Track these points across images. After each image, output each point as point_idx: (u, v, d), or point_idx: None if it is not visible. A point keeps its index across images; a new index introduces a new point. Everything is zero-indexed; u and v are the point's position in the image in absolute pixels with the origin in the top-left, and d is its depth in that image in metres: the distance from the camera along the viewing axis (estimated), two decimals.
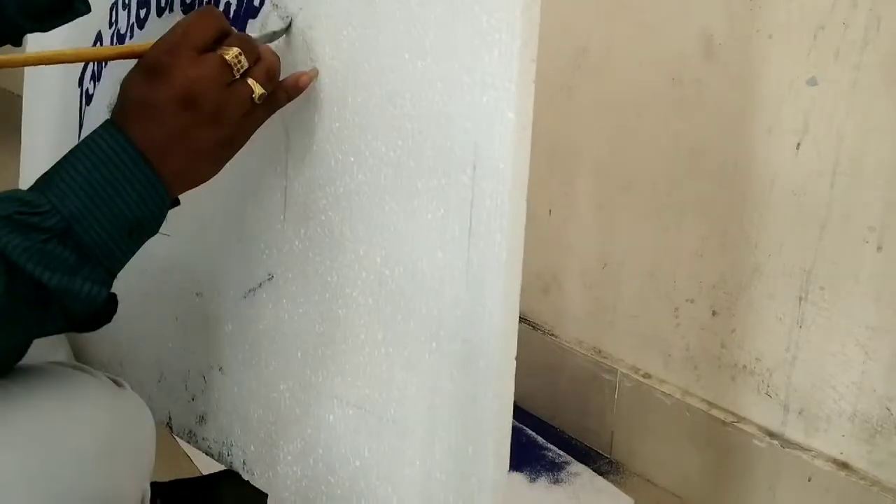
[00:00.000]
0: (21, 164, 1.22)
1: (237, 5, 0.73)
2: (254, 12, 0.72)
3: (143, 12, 0.84)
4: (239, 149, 0.62)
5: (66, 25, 0.82)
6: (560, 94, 1.14)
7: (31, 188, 0.55)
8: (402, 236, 0.62)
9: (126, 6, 0.88)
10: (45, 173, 0.55)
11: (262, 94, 0.60)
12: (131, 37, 0.87)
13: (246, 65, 0.59)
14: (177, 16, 0.79)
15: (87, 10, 0.79)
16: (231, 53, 0.59)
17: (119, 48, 0.59)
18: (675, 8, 1.00)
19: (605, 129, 1.10)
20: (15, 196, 0.53)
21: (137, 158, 0.56)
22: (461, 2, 0.57)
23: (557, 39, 1.12)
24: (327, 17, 0.66)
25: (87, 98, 0.98)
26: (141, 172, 0.56)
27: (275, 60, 0.62)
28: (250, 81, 0.60)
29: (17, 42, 0.79)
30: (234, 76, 0.59)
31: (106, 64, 0.93)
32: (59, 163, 0.56)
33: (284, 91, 0.64)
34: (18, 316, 0.53)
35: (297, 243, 0.71)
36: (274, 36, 0.67)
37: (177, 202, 0.61)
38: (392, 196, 0.63)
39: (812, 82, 0.89)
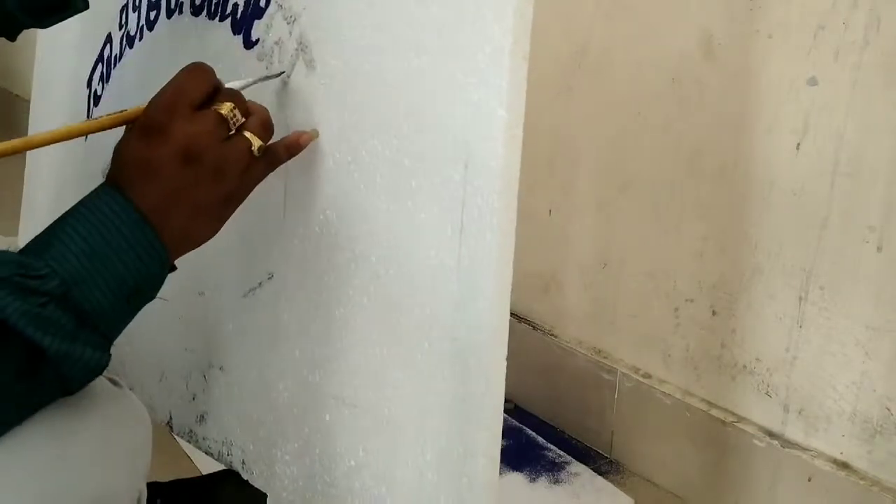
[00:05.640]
0: (27, 165, 1.22)
1: (244, 6, 0.74)
2: (259, 13, 0.72)
3: (153, 14, 0.85)
4: (238, 205, 0.62)
5: (75, 27, 0.82)
6: (560, 94, 1.14)
7: (25, 251, 0.53)
8: (395, 236, 0.62)
9: (136, 8, 0.88)
10: (40, 236, 0.54)
11: (260, 146, 0.60)
12: (140, 39, 0.87)
13: (241, 119, 0.60)
14: (185, 17, 0.80)
15: (85, 6, 0.79)
16: (226, 108, 0.59)
17: (113, 116, 0.59)
18: (674, 8, 1.00)
19: (605, 129, 1.10)
20: (12, 258, 0.51)
21: (138, 220, 0.55)
22: (456, 0, 0.57)
23: (557, 39, 1.12)
24: (329, 18, 0.66)
25: (96, 99, 0.98)
26: (142, 234, 0.55)
27: (266, 113, 0.63)
28: (247, 134, 0.60)
29: (13, 38, 0.78)
30: (231, 130, 0.59)
31: (115, 65, 0.93)
32: (54, 225, 0.54)
33: (286, 148, 0.65)
34: (8, 388, 0.50)
35: (296, 242, 0.71)
36: (266, 79, 0.68)
37: (173, 268, 0.60)
38: (387, 195, 0.63)
39: (812, 82, 0.89)
